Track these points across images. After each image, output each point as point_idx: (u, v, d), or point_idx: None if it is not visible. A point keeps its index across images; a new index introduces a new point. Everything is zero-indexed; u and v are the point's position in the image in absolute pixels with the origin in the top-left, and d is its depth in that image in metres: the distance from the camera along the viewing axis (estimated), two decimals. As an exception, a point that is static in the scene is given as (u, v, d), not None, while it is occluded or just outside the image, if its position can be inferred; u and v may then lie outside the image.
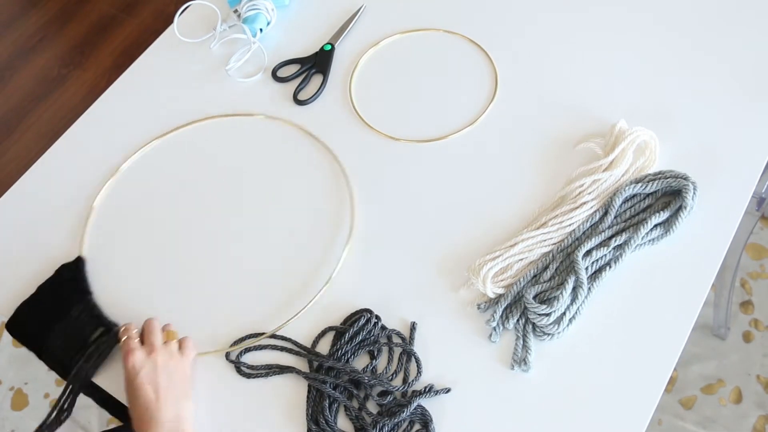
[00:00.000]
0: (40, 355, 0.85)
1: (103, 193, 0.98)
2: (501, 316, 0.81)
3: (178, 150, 1.02)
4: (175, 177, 0.99)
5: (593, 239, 0.84)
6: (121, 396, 0.82)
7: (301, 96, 1.04)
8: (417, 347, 0.82)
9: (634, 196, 0.87)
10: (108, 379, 0.84)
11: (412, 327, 0.83)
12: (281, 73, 1.07)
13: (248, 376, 0.82)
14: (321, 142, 0.99)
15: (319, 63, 1.07)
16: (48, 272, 0.91)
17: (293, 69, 1.07)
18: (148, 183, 0.99)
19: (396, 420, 0.76)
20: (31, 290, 0.89)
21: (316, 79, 1.06)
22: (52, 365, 0.85)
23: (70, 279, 0.90)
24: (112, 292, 0.90)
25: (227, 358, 0.83)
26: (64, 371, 0.84)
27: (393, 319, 0.84)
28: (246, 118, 1.03)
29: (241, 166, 0.99)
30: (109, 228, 0.96)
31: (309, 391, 0.80)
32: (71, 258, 0.93)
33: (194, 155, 1.01)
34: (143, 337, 0.81)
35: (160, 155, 1.01)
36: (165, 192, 0.98)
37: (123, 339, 0.81)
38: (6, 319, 0.89)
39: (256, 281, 0.89)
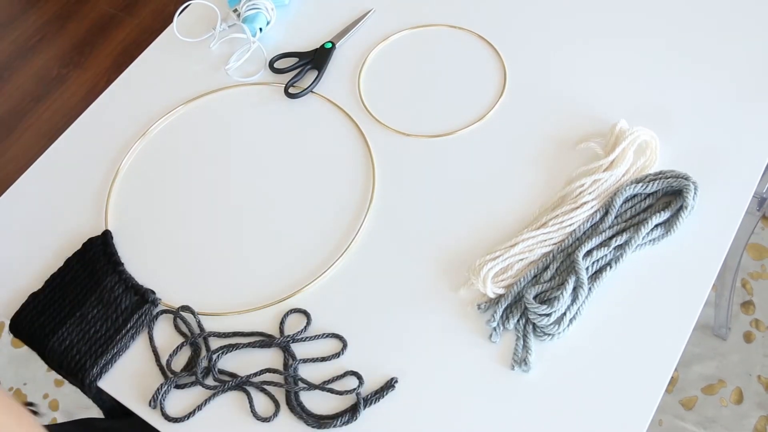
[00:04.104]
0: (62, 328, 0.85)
1: (118, 181, 0.99)
2: (501, 317, 0.81)
3: (183, 133, 1.03)
4: (185, 157, 1.01)
5: (594, 239, 0.84)
6: (122, 398, 0.82)
7: (293, 90, 1.04)
8: (417, 347, 0.81)
9: (634, 196, 0.87)
10: (109, 382, 0.84)
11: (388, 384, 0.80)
12: (278, 65, 1.08)
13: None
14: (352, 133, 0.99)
15: (316, 59, 1.07)
16: (75, 248, 0.93)
17: (291, 61, 1.07)
18: (165, 158, 1.00)
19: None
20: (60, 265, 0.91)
21: (311, 75, 1.06)
22: (80, 336, 0.85)
23: (100, 252, 0.91)
24: (139, 266, 0.92)
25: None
26: (101, 342, 0.84)
27: (393, 318, 0.84)
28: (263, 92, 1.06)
29: (258, 143, 1.01)
30: (133, 202, 0.98)
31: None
32: (97, 233, 0.94)
33: (208, 130, 1.03)
34: None
35: (167, 137, 1.02)
36: (175, 178, 0.99)
37: None
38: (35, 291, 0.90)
39: (269, 258, 0.90)
